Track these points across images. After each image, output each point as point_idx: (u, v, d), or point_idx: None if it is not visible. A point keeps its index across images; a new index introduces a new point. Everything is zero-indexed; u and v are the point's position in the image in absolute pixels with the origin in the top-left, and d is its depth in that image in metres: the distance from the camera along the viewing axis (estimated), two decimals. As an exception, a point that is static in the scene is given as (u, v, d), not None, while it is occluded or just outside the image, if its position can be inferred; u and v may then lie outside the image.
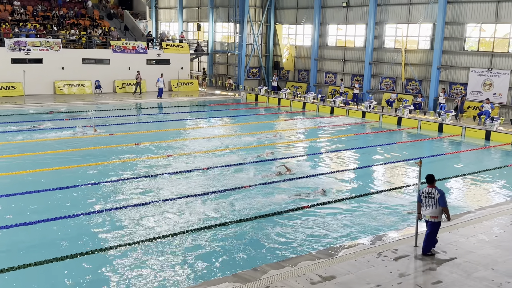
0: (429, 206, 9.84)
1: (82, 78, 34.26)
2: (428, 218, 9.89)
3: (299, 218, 12.62)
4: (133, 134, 22.36)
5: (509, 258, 9.82)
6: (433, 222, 9.87)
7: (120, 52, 35.41)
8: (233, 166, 17.45)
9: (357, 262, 9.46)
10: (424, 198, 9.92)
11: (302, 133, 24.32)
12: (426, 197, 9.90)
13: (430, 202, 9.82)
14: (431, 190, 9.86)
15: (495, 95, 27.01)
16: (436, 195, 9.76)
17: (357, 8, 34.09)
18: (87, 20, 38.50)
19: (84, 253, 10.16)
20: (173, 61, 37.65)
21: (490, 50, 27.53)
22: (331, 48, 36.45)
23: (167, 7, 49.43)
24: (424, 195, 9.93)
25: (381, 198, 14.40)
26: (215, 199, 13.94)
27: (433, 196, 9.79)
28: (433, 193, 9.80)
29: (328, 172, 16.97)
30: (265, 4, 40.59)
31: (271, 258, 10.23)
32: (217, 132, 23.80)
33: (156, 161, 17.84)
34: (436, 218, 9.84)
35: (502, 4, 26.57)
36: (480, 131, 24.09)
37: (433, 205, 9.80)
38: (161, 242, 10.94)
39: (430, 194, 9.84)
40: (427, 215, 9.89)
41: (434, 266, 9.35)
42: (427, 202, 9.87)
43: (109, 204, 13.27)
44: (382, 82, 32.99)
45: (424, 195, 9.93)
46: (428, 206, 9.86)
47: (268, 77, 41.33)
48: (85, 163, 17.15)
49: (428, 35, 30.33)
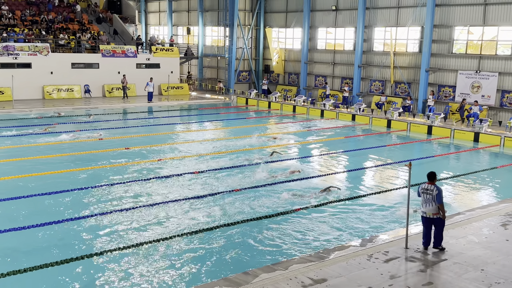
0: (428, 203, 10.08)
1: (71, 82, 34.07)
2: (430, 215, 10.10)
3: (290, 221, 12.63)
4: (123, 138, 22.26)
5: (499, 259, 9.90)
6: (436, 218, 10.09)
7: (109, 56, 35.29)
8: (224, 170, 17.44)
9: (348, 264, 9.48)
10: (423, 194, 10.16)
11: (293, 136, 24.36)
12: (424, 193, 10.14)
13: (429, 199, 10.05)
14: (430, 187, 10.08)
15: (483, 97, 27.26)
16: (434, 192, 9.98)
17: (346, 11, 34.28)
18: (76, 25, 38.34)
19: (74, 259, 10.07)
20: (163, 65, 37.58)
21: (478, 53, 27.80)
22: (320, 51, 36.60)
23: (157, 11, 49.38)
24: (422, 191, 10.17)
25: (372, 200, 14.45)
26: (206, 202, 13.91)
27: (431, 193, 10.02)
28: (432, 190, 10.03)
29: (318, 175, 17.00)
30: (254, 8, 40.69)
31: (263, 262, 10.22)
32: (207, 135, 23.77)
33: (147, 165, 17.78)
34: (437, 214, 10.07)
35: (489, 7, 26.85)
36: (468, 133, 24.28)
37: (431, 201, 10.03)
38: (151, 246, 10.89)
39: (429, 190, 10.07)
40: (428, 212, 10.10)
41: (425, 268, 9.40)
42: (426, 198, 10.11)
43: (99, 209, 13.19)
44: (371, 85, 33.16)
45: (422, 191, 10.17)
46: (427, 203, 10.09)
47: (258, 81, 41.40)
48: (75, 167, 17.05)
49: (417, 38, 30.56)
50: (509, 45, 26.49)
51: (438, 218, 10.10)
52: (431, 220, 10.13)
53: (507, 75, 26.55)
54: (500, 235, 11.19)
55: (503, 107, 26.81)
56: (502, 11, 26.31)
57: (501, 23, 26.49)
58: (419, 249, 10.21)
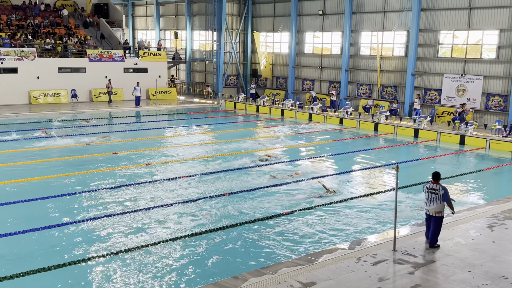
0: (433, 202, 10.41)
1: (57, 87, 33.84)
2: (432, 213, 10.45)
3: (279, 225, 12.66)
4: (111, 143, 22.15)
5: (486, 260, 10.01)
6: (437, 217, 10.44)
7: (96, 60, 35.12)
8: (212, 174, 17.44)
9: (337, 267, 9.53)
10: (428, 193, 10.49)
11: (281, 140, 24.40)
12: (429, 193, 10.46)
13: (434, 198, 10.39)
14: (435, 186, 10.42)
15: (469, 100, 27.57)
16: (440, 191, 10.35)
17: (333, 16, 34.50)
18: (63, 29, 38.11)
19: (61, 265, 10.00)
20: (150, 70, 37.47)
21: (463, 57, 28.12)
22: (308, 55, 36.78)
23: (144, 16, 49.26)
24: (427, 191, 10.50)
25: (360, 203, 14.53)
26: (194, 207, 13.90)
27: (437, 192, 10.36)
28: (437, 189, 10.37)
29: (306, 179, 17.05)
30: (242, 12, 40.79)
31: (252, 266, 10.24)
32: (196, 140, 23.74)
33: (134, 170, 17.71)
34: (440, 213, 10.44)
35: (474, 11, 27.20)
36: (454, 136, 24.54)
37: (436, 200, 10.37)
38: (140, 252, 10.85)
39: (434, 190, 10.41)
40: (431, 210, 10.45)
41: (413, 270, 9.48)
42: (431, 197, 10.44)
43: (87, 214, 13.10)
44: (358, 88, 33.38)
45: (427, 191, 10.50)
46: (432, 202, 10.42)
47: (246, 85, 41.46)
48: (62, 172, 16.93)
49: (403, 42, 30.85)
50: (493, 49, 26.85)
51: (439, 217, 10.45)
52: (431, 218, 10.53)
53: (492, 79, 26.89)
54: (487, 237, 11.32)
55: (488, 110, 27.14)
56: (487, 15, 26.68)
57: (486, 27, 26.85)
58: (407, 252, 10.29)
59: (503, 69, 26.43)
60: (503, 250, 10.51)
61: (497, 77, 26.65)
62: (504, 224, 12.10)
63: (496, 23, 26.38)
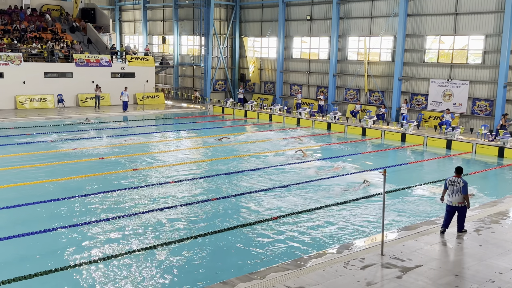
0: (455, 194, 11.45)
1: (44, 92, 33.58)
2: (456, 204, 11.46)
3: (267, 230, 12.64)
4: (97, 148, 21.99)
5: (473, 264, 10.07)
6: (460, 207, 11.49)
7: (83, 65, 34.91)
8: (200, 179, 17.38)
9: (325, 272, 9.53)
10: (450, 186, 11.49)
11: (269, 145, 24.42)
12: (451, 185, 11.48)
13: (456, 190, 11.42)
14: (457, 179, 11.45)
15: (455, 105, 27.83)
16: (461, 184, 11.36)
17: (320, 21, 34.68)
18: (49, 34, 37.84)
19: (48, 271, 9.87)
20: (138, 74, 37.34)
21: (449, 62, 28.40)
22: (296, 60, 36.90)
23: (131, 20, 49.11)
24: (450, 183, 11.50)
25: (347, 208, 14.55)
26: (182, 212, 13.83)
27: (458, 185, 11.39)
28: (458, 182, 11.41)
29: (294, 183, 17.06)
30: (230, 17, 40.84)
31: (240, 271, 10.19)
32: (184, 144, 23.64)
33: (121, 175, 17.59)
34: (462, 203, 11.45)
35: (460, 17, 27.50)
36: (441, 140, 24.73)
37: (458, 192, 11.40)
38: (127, 257, 10.76)
39: (456, 182, 11.44)
40: (454, 202, 11.46)
41: (400, 274, 9.50)
42: (453, 189, 11.46)
43: (71, 220, 12.96)
44: (346, 93, 33.54)
45: (450, 183, 11.50)
46: (454, 194, 11.45)
47: (234, 90, 41.47)
48: (48, 178, 16.76)
49: (390, 47, 31.08)
50: (479, 54, 27.15)
51: (462, 206, 11.47)
52: (456, 208, 11.51)
53: (478, 83, 27.18)
54: (473, 241, 11.40)
55: (474, 114, 27.41)
56: (472, 21, 26.99)
57: (472, 32, 27.16)
58: (395, 256, 10.32)
59: (489, 74, 26.73)
60: (489, 254, 10.59)
61: (483, 82, 26.94)
62: (490, 228, 12.19)
63: (482, 29, 26.69)
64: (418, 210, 14.55)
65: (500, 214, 13.28)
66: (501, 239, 11.45)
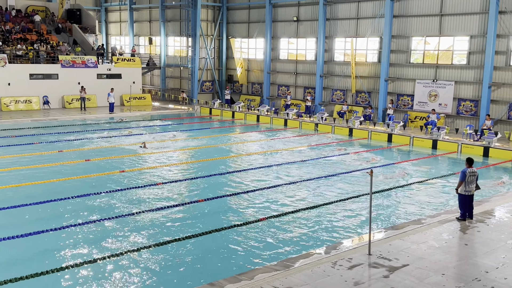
0: (473, 183, 12.53)
1: (29, 94, 33.24)
2: (473, 192, 12.58)
3: (255, 231, 12.63)
4: (83, 150, 21.82)
5: (459, 263, 10.16)
6: (473, 194, 12.65)
7: (69, 66, 34.63)
8: (187, 181, 17.33)
9: (313, 272, 9.55)
10: (470, 176, 12.44)
11: (257, 146, 24.43)
12: (471, 176, 12.47)
13: (474, 180, 12.51)
14: (473, 169, 12.52)
15: (441, 106, 28.08)
16: (477, 173, 12.62)
17: (307, 22, 34.77)
18: (34, 35, 37.49)
19: (30, 276, 9.78)
20: (124, 76, 37.13)
21: (434, 62, 28.65)
22: (283, 61, 36.96)
23: (117, 21, 48.82)
24: (470, 174, 12.44)
25: (334, 208, 14.61)
26: (169, 214, 13.77)
27: (475, 174, 12.56)
28: (475, 172, 12.56)
29: (282, 184, 17.08)
30: (217, 18, 40.80)
31: (228, 272, 10.17)
32: (171, 146, 23.55)
33: (108, 177, 17.48)
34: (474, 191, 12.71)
35: (445, 18, 27.76)
36: (427, 141, 24.94)
37: (475, 181, 12.53)
38: (114, 260, 10.68)
39: (474, 172, 12.53)
40: (472, 191, 12.55)
41: (388, 274, 9.55)
42: (472, 179, 12.48)
43: (56, 223, 12.83)
44: (333, 94, 33.67)
45: (470, 174, 12.44)
46: (473, 183, 12.52)
47: (221, 91, 41.41)
48: (32, 181, 16.59)
49: (376, 48, 31.27)
50: (464, 55, 27.42)
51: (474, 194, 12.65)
52: (472, 196, 12.63)
53: (463, 84, 27.45)
54: (460, 240, 11.50)
55: (459, 115, 27.67)
56: (457, 22, 27.26)
57: (456, 33, 27.43)
58: (382, 255, 10.38)
59: (474, 75, 27.00)
60: (475, 253, 10.69)
61: (468, 82, 27.21)
62: (476, 227, 12.31)
63: (467, 30, 26.96)
64: (405, 210, 14.65)
65: (485, 213, 13.41)
66: (487, 238, 11.57)
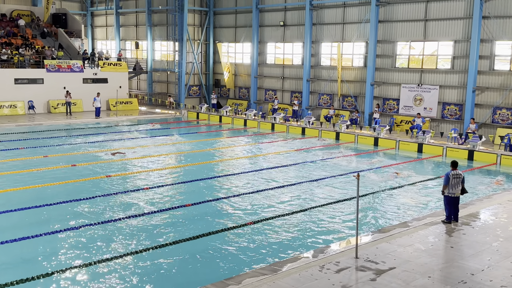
0: (457, 185, 12.58)
1: (14, 98, 32.93)
2: (458, 195, 12.66)
3: (242, 235, 12.63)
4: (69, 155, 21.65)
5: (445, 266, 10.26)
6: (459, 197, 12.73)
7: (54, 71, 34.38)
8: (174, 185, 17.28)
9: (301, 276, 9.57)
10: (454, 179, 12.53)
11: (244, 150, 24.45)
12: (455, 178, 12.55)
13: (458, 182, 12.57)
14: (458, 172, 12.62)
15: (426, 110, 28.36)
16: (462, 176, 12.66)
17: (293, 27, 34.94)
18: (19, 39, 37.16)
19: (14, 283, 9.68)
20: (111, 80, 36.95)
21: (419, 67, 28.95)
22: (270, 65, 37.07)
23: (104, 26, 48.62)
24: (454, 177, 12.52)
25: (322, 211, 14.67)
26: (156, 219, 13.72)
27: (460, 177, 12.61)
28: (460, 174, 12.63)
29: (269, 188, 17.11)
30: (204, 23, 40.81)
31: (215, 277, 10.15)
32: (158, 150, 23.47)
33: (94, 182, 17.36)
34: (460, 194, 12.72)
35: (429, 23, 28.08)
36: (412, 144, 25.16)
37: (459, 183, 12.59)
38: (100, 265, 10.61)
39: (458, 175, 12.61)
40: (457, 193, 12.64)
41: (375, 277, 9.61)
42: (456, 182, 12.56)
43: (41, 229, 12.72)
44: (320, 98, 33.84)
45: (454, 177, 12.52)
46: (457, 185, 12.58)
47: (209, 95, 41.39)
48: (17, 186, 16.42)
49: (362, 53, 31.51)
50: (448, 59, 27.75)
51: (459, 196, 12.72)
52: (458, 199, 12.72)
53: (447, 88, 27.76)
54: (446, 242, 11.62)
55: (444, 118, 27.97)
56: (441, 27, 27.59)
57: (441, 38, 27.75)
58: (369, 259, 10.44)
59: (458, 79, 27.33)
60: (461, 255, 10.80)
61: (453, 86, 27.53)
62: (462, 230, 12.44)
63: (451, 35, 27.30)
64: (391, 213, 14.75)
65: (470, 216, 13.56)
66: (472, 241, 11.70)
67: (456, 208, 12.86)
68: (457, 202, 12.80)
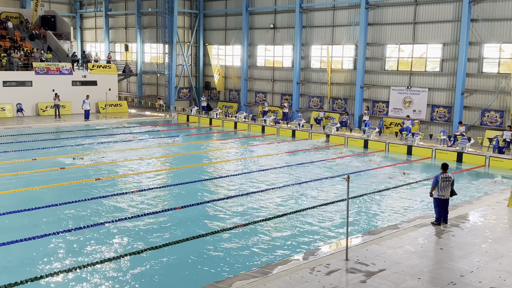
0: (447, 188, 12.68)
1: (2, 101, 32.64)
2: (447, 197, 12.76)
3: (232, 238, 12.61)
4: (57, 158, 21.49)
5: (434, 267, 10.30)
6: (448, 199, 12.84)
7: (43, 73, 34.14)
8: (165, 188, 17.22)
9: (292, 278, 9.57)
10: (443, 181, 12.64)
11: (235, 153, 24.42)
12: (445, 181, 12.65)
13: (447, 185, 12.67)
14: (447, 175, 12.70)
15: (415, 112, 28.52)
16: (452, 178, 12.78)
17: (283, 29, 35.01)
18: (8, 42, 36.87)
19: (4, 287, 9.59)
20: (100, 82, 36.76)
21: (408, 69, 29.12)
22: (260, 68, 37.10)
23: (93, 28, 48.38)
24: (443, 179, 12.64)
25: (312, 213, 14.68)
26: (146, 222, 13.65)
27: (450, 179, 12.71)
28: (450, 177, 12.73)
29: (259, 191, 17.10)
30: (193, 25, 40.76)
31: (205, 280, 10.11)
32: (149, 153, 23.37)
33: (83, 185, 17.24)
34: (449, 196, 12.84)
35: (418, 26, 28.26)
36: (402, 146, 25.29)
37: (449, 186, 12.68)
38: (89, 269, 10.53)
39: (448, 178, 12.69)
40: (446, 195, 12.74)
41: (365, 279, 9.63)
42: (445, 184, 12.65)
43: (31, 233, 12.60)
44: (310, 101, 33.91)
45: (443, 179, 12.64)
46: (447, 188, 12.68)
47: (199, 98, 41.33)
48: (6, 190, 16.27)
49: (351, 55, 31.63)
50: (437, 62, 27.95)
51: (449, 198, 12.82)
52: (447, 201, 12.80)
53: (436, 91, 27.95)
54: (435, 244, 11.67)
55: (433, 121, 28.15)
56: (430, 30, 27.78)
57: (429, 41, 27.94)
58: (359, 260, 10.46)
59: (447, 82, 27.52)
60: (451, 257, 10.86)
61: (441, 89, 27.73)
62: (451, 231, 12.52)
63: (440, 37, 27.49)
64: (382, 215, 14.81)
65: (460, 218, 13.65)
66: (461, 242, 11.77)
67: (445, 210, 12.97)
68: (446, 204, 12.89)
